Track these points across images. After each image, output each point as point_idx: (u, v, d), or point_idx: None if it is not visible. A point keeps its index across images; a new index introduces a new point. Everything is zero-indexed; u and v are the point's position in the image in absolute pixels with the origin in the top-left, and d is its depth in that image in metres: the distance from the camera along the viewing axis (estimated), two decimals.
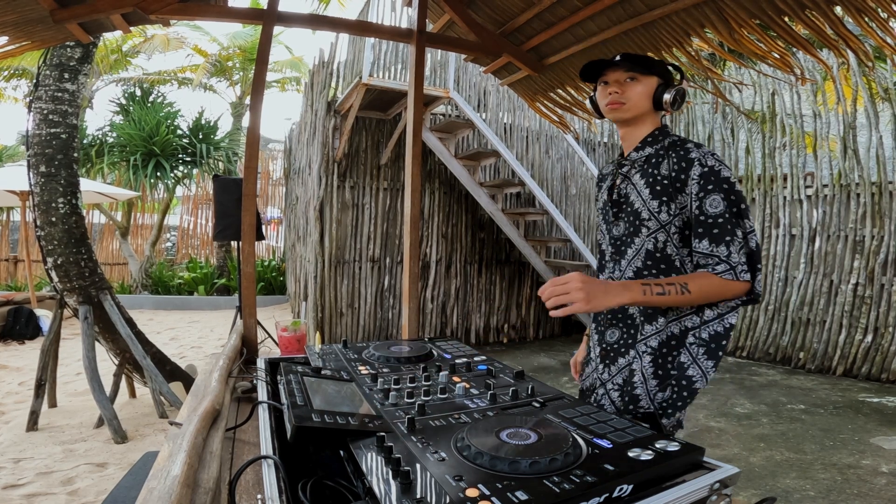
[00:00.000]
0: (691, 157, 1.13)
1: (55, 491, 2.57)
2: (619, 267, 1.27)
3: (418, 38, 2.05)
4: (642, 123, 1.26)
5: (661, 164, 1.18)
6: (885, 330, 4.71)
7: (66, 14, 1.71)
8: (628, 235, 1.24)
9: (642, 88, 1.22)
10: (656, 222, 1.18)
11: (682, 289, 1.06)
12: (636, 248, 1.22)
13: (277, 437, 0.86)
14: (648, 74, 1.22)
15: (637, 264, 1.22)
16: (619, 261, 1.27)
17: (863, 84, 4.93)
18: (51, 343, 3.61)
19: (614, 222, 1.28)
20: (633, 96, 1.22)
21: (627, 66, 1.22)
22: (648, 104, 1.23)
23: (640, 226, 1.20)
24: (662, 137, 1.23)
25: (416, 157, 2.03)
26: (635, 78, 1.22)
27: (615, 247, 1.28)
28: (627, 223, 1.24)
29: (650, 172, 1.20)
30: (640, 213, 1.20)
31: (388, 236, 5.96)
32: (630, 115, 1.23)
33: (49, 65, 3.48)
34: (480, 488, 0.58)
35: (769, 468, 2.90)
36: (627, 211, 1.24)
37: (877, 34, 1.49)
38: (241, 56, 11.69)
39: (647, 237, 1.19)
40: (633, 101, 1.22)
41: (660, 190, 1.17)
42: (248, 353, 1.67)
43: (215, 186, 3.77)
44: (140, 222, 11.18)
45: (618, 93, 1.22)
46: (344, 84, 5.50)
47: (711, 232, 1.10)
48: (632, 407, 1.18)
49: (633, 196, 1.22)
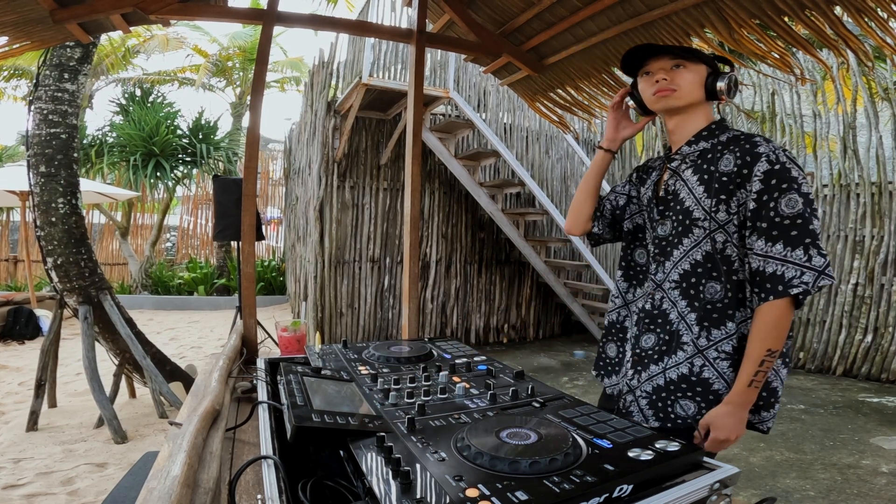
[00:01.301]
0: (758, 150, 1.05)
1: (55, 491, 2.57)
2: (662, 269, 1.18)
3: (418, 38, 2.05)
4: (694, 115, 1.18)
5: (720, 159, 1.10)
6: (885, 330, 4.71)
7: (66, 14, 1.71)
8: (675, 236, 1.15)
9: (692, 76, 1.14)
10: (713, 222, 1.09)
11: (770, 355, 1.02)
12: (684, 249, 1.14)
13: (277, 437, 0.86)
14: (696, 62, 1.15)
15: (684, 267, 1.14)
16: (662, 262, 1.18)
17: (862, 84, 4.93)
18: (51, 343, 3.61)
19: (660, 221, 1.20)
20: (683, 83, 1.14)
21: (673, 54, 1.16)
22: (700, 93, 1.15)
23: (690, 226, 1.12)
24: (720, 132, 1.15)
25: (416, 157, 2.03)
26: (682, 65, 1.14)
27: (660, 247, 1.19)
28: (675, 222, 1.16)
29: (705, 169, 1.12)
30: (691, 212, 1.12)
31: (388, 236, 5.96)
32: (682, 103, 1.15)
33: (49, 65, 3.48)
34: (480, 488, 0.58)
35: (769, 468, 2.90)
36: (676, 209, 1.15)
37: (876, 34, 1.49)
38: (240, 56, 11.69)
39: (703, 238, 1.11)
40: (684, 89, 1.14)
41: (717, 188, 1.08)
42: (248, 353, 1.67)
43: (215, 186, 3.77)
44: (140, 222, 11.18)
45: (666, 79, 1.15)
46: (344, 84, 5.51)
47: (788, 234, 1.00)
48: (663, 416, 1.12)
49: (683, 193, 1.15)
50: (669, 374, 1.12)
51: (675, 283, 1.15)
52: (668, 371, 1.12)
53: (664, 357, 1.14)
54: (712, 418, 1.05)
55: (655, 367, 1.15)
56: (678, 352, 1.12)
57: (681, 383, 1.11)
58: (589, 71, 2.29)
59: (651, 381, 1.15)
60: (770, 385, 1.10)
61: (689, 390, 1.10)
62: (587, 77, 2.33)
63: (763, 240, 1.03)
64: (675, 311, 1.14)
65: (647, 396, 1.15)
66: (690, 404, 1.10)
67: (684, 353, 1.12)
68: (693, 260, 1.12)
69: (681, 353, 1.12)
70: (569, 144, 6.70)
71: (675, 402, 1.11)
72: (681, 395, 1.11)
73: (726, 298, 1.09)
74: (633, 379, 1.19)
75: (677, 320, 1.14)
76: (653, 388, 1.14)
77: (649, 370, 1.16)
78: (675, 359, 1.12)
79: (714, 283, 1.11)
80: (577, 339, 6.80)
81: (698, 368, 1.10)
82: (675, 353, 1.12)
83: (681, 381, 1.11)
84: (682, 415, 1.10)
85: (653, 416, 1.14)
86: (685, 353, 1.12)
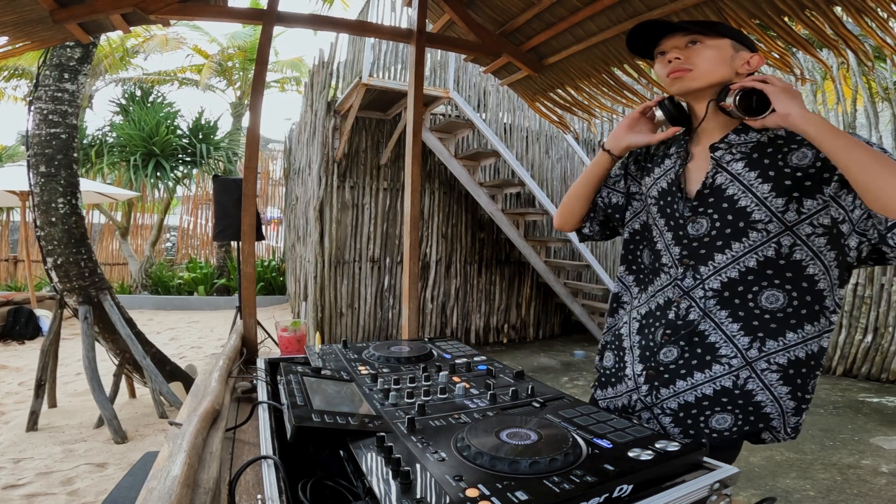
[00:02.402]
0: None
1: (55, 491, 2.57)
2: (694, 274, 1.03)
3: (418, 38, 2.05)
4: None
5: (792, 153, 0.95)
6: (885, 330, 4.71)
7: (66, 14, 1.71)
8: (718, 238, 1.01)
9: (711, 52, 1.00)
10: (778, 224, 0.96)
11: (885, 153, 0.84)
12: (733, 255, 0.99)
13: (277, 437, 0.86)
14: (716, 37, 1.00)
15: (731, 275, 1.00)
16: (694, 266, 1.04)
17: (862, 84, 4.94)
18: (51, 343, 3.61)
19: (692, 218, 1.04)
20: (700, 61, 1.00)
21: (686, 31, 1.02)
22: (725, 71, 1.00)
23: (746, 228, 0.98)
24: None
25: (416, 157, 2.03)
26: (699, 41, 1.01)
27: (690, 249, 1.04)
28: (719, 223, 1.01)
29: (768, 164, 0.97)
30: (749, 213, 0.97)
31: (388, 236, 5.96)
32: (700, 84, 1.01)
33: (49, 65, 3.48)
34: (480, 488, 0.58)
35: (769, 468, 2.90)
36: (722, 208, 1.00)
37: (876, 34, 1.49)
38: (240, 56, 11.70)
39: (763, 243, 0.97)
40: (701, 67, 1.00)
41: (790, 185, 0.94)
42: (248, 353, 1.67)
43: (215, 187, 3.77)
44: (140, 222, 11.18)
45: (679, 58, 1.01)
46: (344, 84, 5.51)
47: None
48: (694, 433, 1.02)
49: (733, 190, 0.99)
50: (703, 390, 1.01)
51: (714, 291, 1.01)
52: (700, 387, 1.02)
53: (694, 372, 1.02)
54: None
55: (683, 382, 1.03)
56: (714, 366, 1.01)
57: (720, 398, 1.00)
58: (589, 71, 2.29)
59: (677, 397, 1.04)
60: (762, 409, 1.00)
61: (729, 404, 1.00)
62: (587, 77, 2.33)
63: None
64: (710, 322, 1.02)
65: (673, 414, 1.04)
66: (728, 417, 1.01)
67: (723, 367, 1.00)
68: (745, 267, 0.99)
69: (718, 367, 1.01)
70: (569, 144, 6.71)
71: (711, 416, 1.01)
72: (719, 408, 1.00)
73: (790, 308, 0.98)
74: (648, 395, 1.08)
75: (713, 331, 1.02)
76: (679, 404, 1.04)
77: (675, 386, 1.04)
78: (711, 373, 1.01)
79: (775, 290, 0.98)
80: (577, 339, 6.80)
81: (743, 381, 0.99)
82: (710, 368, 1.01)
83: (720, 395, 1.00)
84: (718, 428, 1.01)
85: (679, 435, 1.04)
86: (725, 366, 1.00)
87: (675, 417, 1.04)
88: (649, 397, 1.07)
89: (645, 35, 1.08)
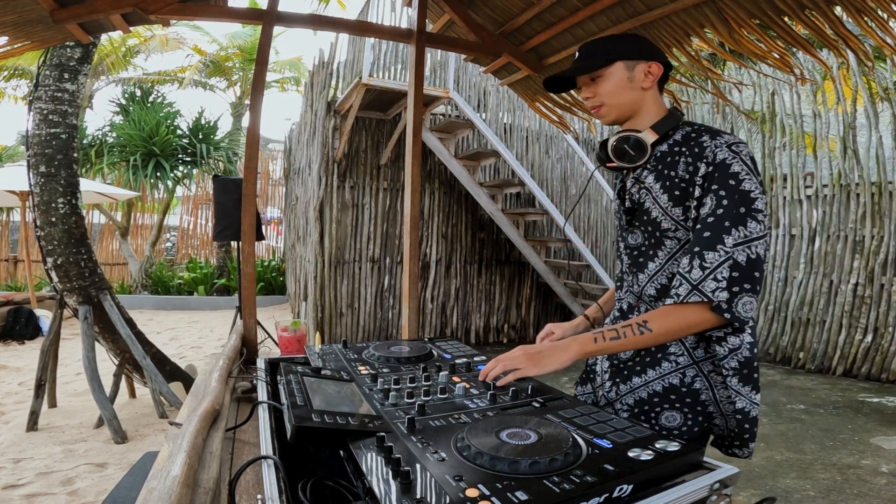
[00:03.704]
0: (704, 153, 0.97)
1: (55, 491, 2.57)
2: (637, 281, 1.11)
3: (418, 38, 2.05)
4: (641, 116, 1.09)
5: (678, 163, 1.01)
6: (885, 330, 4.71)
7: (66, 14, 1.71)
8: (649, 248, 1.08)
9: (608, 83, 1.06)
10: (686, 232, 1.01)
11: (640, 328, 0.94)
12: (660, 262, 1.06)
13: (277, 437, 0.86)
14: (607, 65, 1.06)
15: (661, 281, 1.06)
16: (636, 274, 1.11)
17: (862, 84, 4.94)
18: (51, 343, 3.61)
19: (629, 230, 1.12)
20: (603, 94, 1.07)
21: (583, 69, 1.08)
22: (627, 95, 1.06)
23: (661, 237, 1.05)
24: (673, 130, 1.05)
25: (416, 157, 2.03)
26: (597, 76, 1.07)
27: (632, 258, 1.12)
28: (646, 233, 1.08)
29: (667, 174, 1.02)
30: (659, 222, 1.04)
31: (388, 236, 5.96)
32: (613, 115, 1.09)
33: (49, 65, 3.48)
34: (480, 488, 0.58)
35: (769, 468, 2.90)
36: (644, 220, 1.07)
37: (876, 34, 1.49)
38: (240, 56, 11.69)
39: (678, 250, 1.03)
40: (606, 100, 1.07)
41: (679, 195, 1.00)
42: (248, 353, 1.67)
43: (215, 187, 3.77)
44: (140, 222, 11.18)
45: (591, 97, 1.10)
46: (344, 84, 5.51)
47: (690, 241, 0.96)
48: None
49: (648, 202, 1.06)
50: (654, 387, 1.06)
51: (652, 297, 1.08)
52: (652, 383, 1.06)
53: (647, 369, 1.07)
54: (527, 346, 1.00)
55: (638, 378, 1.08)
56: (663, 363, 1.05)
57: (669, 395, 1.05)
58: None
59: (633, 393, 1.09)
60: (749, 415, 1.01)
61: (677, 401, 1.05)
62: None
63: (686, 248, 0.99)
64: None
65: (629, 409, 1.09)
66: (677, 415, 1.05)
67: (671, 365, 1.05)
68: (671, 273, 1.04)
69: (667, 364, 1.05)
70: (569, 144, 6.70)
71: (661, 413, 1.06)
72: (668, 405, 1.05)
73: None
74: (611, 391, 1.13)
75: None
76: (634, 400, 1.08)
77: (631, 382, 1.09)
78: (661, 370, 1.05)
79: None
80: None
81: (690, 379, 1.04)
82: (660, 365, 1.06)
83: (669, 392, 1.05)
84: (668, 426, 1.05)
85: None
86: (673, 363, 1.05)
87: (631, 413, 1.09)
88: (611, 393, 1.13)
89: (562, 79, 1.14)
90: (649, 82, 1.06)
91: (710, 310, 0.92)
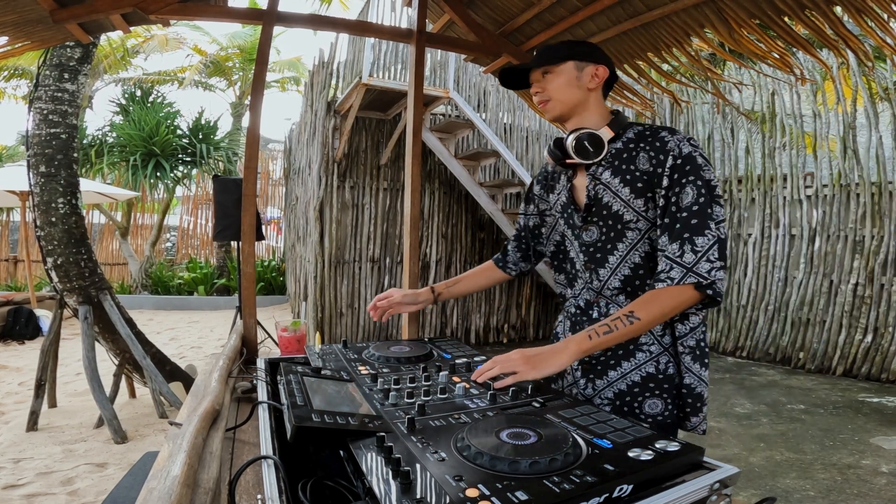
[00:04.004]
0: (668, 147, 1.05)
1: (55, 491, 2.57)
2: (596, 277, 1.16)
3: (418, 38, 2.05)
4: (587, 115, 1.15)
5: (637, 157, 1.08)
6: (885, 330, 4.71)
7: (66, 14, 1.71)
8: (607, 241, 1.13)
9: (558, 79, 1.13)
10: (646, 222, 1.09)
11: (628, 319, 0.98)
12: (621, 254, 1.12)
13: (277, 437, 0.85)
14: (560, 63, 1.13)
15: (625, 272, 1.12)
16: (594, 270, 1.16)
17: (862, 84, 4.94)
18: (51, 343, 3.61)
19: (583, 227, 1.17)
20: (552, 90, 1.14)
21: (537, 63, 1.15)
22: (575, 93, 1.13)
23: (623, 230, 1.11)
24: (623, 129, 1.13)
25: (416, 157, 2.03)
26: (549, 71, 1.14)
27: (588, 255, 1.17)
28: (604, 228, 1.13)
29: (625, 169, 1.09)
30: (621, 215, 1.10)
31: (388, 236, 5.96)
32: (559, 110, 1.15)
33: (49, 65, 3.48)
34: (480, 488, 0.58)
35: (769, 468, 2.90)
36: (603, 214, 1.13)
37: (877, 34, 1.49)
38: (240, 56, 11.69)
39: (639, 240, 1.10)
40: (554, 95, 1.14)
41: (642, 187, 1.07)
42: (248, 353, 1.67)
43: (215, 187, 3.78)
44: (140, 222, 11.19)
45: (539, 91, 1.16)
46: (344, 84, 5.51)
47: (674, 227, 1.01)
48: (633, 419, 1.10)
49: (607, 197, 1.12)
50: (632, 378, 1.10)
51: (617, 289, 1.13)
52: (629, 375, 1.11)
53: (622, 361, 1.11)
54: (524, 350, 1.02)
55: (614, 372, 1.12)
56: (637, 353, 1.10)
57: (648, 383, 1.10)
58: None
59: (611, 387, 1.13)
60: (695, 391, 1.09)
61: (656, 388, 1.09)
62: None
63: (665, 236, 1.03)
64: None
65: (610, 402, 1.13)
66: (658, 402, 1.10)
67: (645, 354, 1.10)
68: (633, 263, 1.11)
69: (641, 355, 1.10)
70: None
71: (643, 402, 1.10)
72: (648, 394, 1.10)
73: None
74: (586, 388, 1.16)
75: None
76: (614, 393, 1.12)
77: (607, 377, 1.13)
78: (636, 361, 1.11)
79: None
80: None
81: (664, 366, 1.10)
82: (634, 356, 1.11)
83: (647, 381, 1.10)
84: (652, 413, 1.10)
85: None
86: (646, 353, 1.10)
87: (613, 406, 1.12)
88: (587, 390, 1.16)
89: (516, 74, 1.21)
90: (595, 84, 1.14)
91: (695, 289, 0.99)
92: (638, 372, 1.10)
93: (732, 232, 5.90)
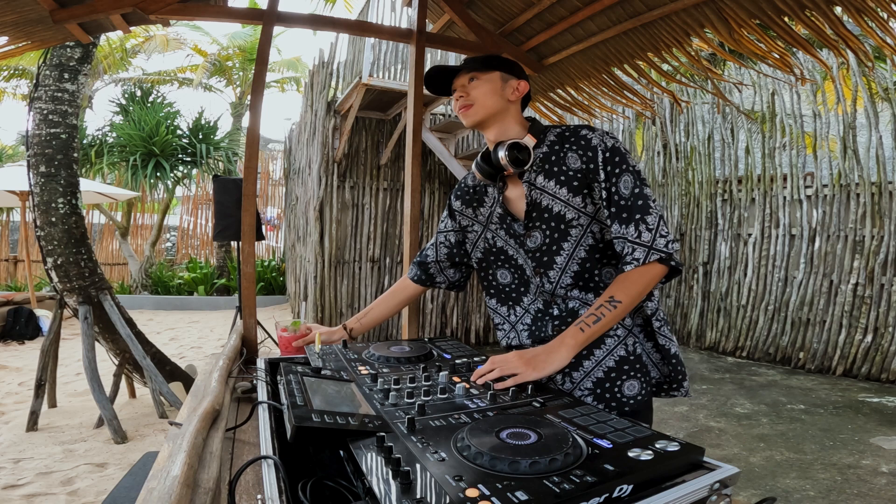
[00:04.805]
0: (593, 143, 1.09)
1: (55, 491, 2.57)
2: (547, 279, 1.18)
3: (418, 38, 2.05)
4: (509, 123, 1.19)
5: (566, 157, 1.13)
6: (885, 330, 4.71)
7: (66, 14, 1.71)
8: (552, 243, 1.16)
9: (485, 86, 1.17)
10: (586, 217, 1.13)
11: (611, 304, 1.02)
12: (567, 252, 1.15)
13: (277, 437, 0.85)
14: (487, 71, 1.17)
15: (574, 268, 1.15)
16: (544, 273, 1.18)
17: (862, 84, 4.94)
18: (51, 343, 3.61)
19: (526, 235, 1.19)
20: (477, 96, 1.17)
21: (466, 69, 1.18)
22: (498, 102, 1.17)
23: (566, 229, 1.14)
24: (542, 133, 1.17)
25: (416, 157, 2.03)
26: (476, 77, 1.18)
27: (536, 259, 1.19)
28: (548, 230, 1.16)
29: (557, 171, 1.13)
30: (563, 215, 1.14)
31: (388, 236, 5.96)
32: (480, 116, 1.17)
33: (49, 65, 3.48)
34: (480, 488, 0.58)
35: (769, 468, 2.90)
36: (545, 218, 1.15)
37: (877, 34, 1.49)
38: (240, 56, 11.70)
39: (583, 236, 1.14)
40: (478, 101, 1.17)
41: (577, 185, 1.11)
42: (248, 353, 1.67)
43: (215, 186, 3.78)
44: (140, 222, 11.19)
45: (463, 96, 1.18)
46: (344, 84, 5.51)
47: (622, 214, 1.06)
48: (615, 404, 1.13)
49: (545, 201, 1.14)
50: (607, 363, 1.13)
51: (569, 285, 1.16)
52: (604, 361, 1.14)
53: (594, 350, 1.14)
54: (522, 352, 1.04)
55: (588, 362, 1.15)
56: (606, 339, 1.13)
57: (622, 365, 1.13)
58: (589, 71, 2.29)
59: (589, 377, 1.15)
60: (678, 356, 1.16)
61: (630, 370, 1.13)
62: (587, 77, 2.33)
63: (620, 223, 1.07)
64: (584, 306, 1.16)
65: (591, 391, 1.15)
66: (635, 383, 1.13)
67: (613, 340, 1.14)
68: (580, 258, 1.15)
69: (609, 341, 1.14)
70: None
71: (622, 385, 1.13)
72: (625, 376, 1.13)
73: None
74: (564, 383, 1.17)
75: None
76: (594, 382, 1.14)
77: (583, 368, 1.15)
78: (606, 347, 1.14)
79: (609, 267, 1.16)
80: None
81: (632, 346, 1.14)
82: (604, 342, 1.14)
83: (621, 363, 1.13)
84: (631, 394, 1.13)
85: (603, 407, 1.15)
86: (614, 338, 1.14)
87: (593, 394, 1.15)
88: (565, 384, 1.17)
89: (440, 77, 1.23)
90: (515, 97, 1.19)
91: (660, 262, 1.05)
92: (611, 357, 1.13)
93: (733, 232, 5.90)
